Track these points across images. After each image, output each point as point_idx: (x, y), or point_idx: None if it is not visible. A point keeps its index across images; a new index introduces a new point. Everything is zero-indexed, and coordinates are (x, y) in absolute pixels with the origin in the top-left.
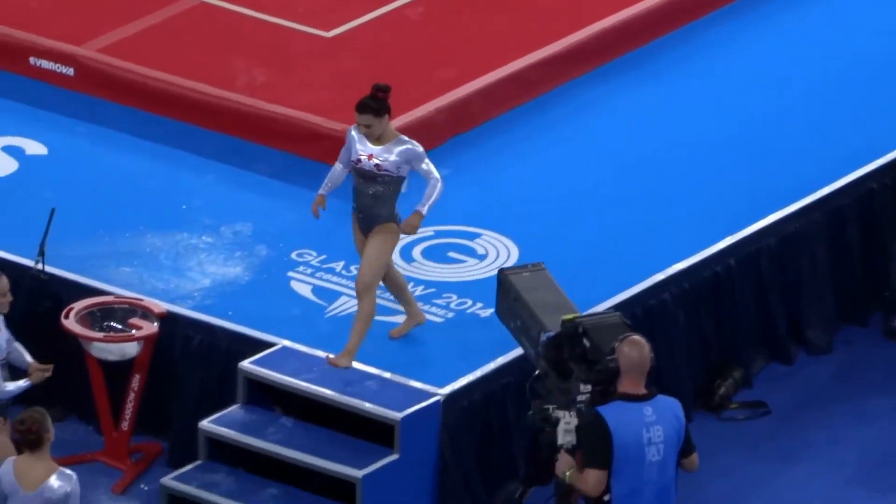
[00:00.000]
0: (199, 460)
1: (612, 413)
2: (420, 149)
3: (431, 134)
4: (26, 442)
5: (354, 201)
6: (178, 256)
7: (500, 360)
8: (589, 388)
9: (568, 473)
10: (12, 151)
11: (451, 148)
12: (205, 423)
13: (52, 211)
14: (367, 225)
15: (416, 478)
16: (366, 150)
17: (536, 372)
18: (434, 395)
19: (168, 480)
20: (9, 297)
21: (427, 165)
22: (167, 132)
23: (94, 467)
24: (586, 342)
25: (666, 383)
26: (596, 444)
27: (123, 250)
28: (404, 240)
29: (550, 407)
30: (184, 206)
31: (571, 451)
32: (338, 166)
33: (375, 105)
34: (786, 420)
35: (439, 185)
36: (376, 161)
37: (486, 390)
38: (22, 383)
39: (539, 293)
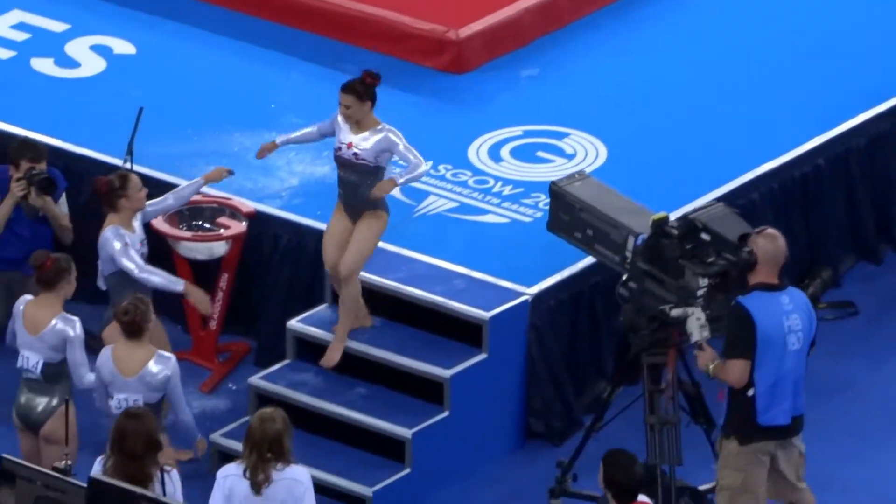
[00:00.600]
0: (286, 360)
1: (754, 303)
2: (397, 134)
3: (520, 33)
4: (128, 330)
5: (339, 188)
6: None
7: (589, 260)
8: (706, 281)
9: (711, 367)
10: (100, 50)
11: (540, 47)
12: (293, 323)
13: (140, 110)
14: (356, 211)
15: (503, 377)
16: (345, 139)
17: (624, 277)
18: (522, 294)
19: (256, 380)
20: (145, 191)
21: (407, 149)
22: (256, 31)
23: (183, 366)
24: (705, 236)
25: None
26: (739, 334)
27: (211, 149)
28: (493, 138)
29: (667, 307)
30: (272, 105)
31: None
32: (312, 127)
33: (361, 89)
34: (874, 319)
35: (422, 167)
36: (354, 150)
37: (574, 290)
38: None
39: (606, 199)
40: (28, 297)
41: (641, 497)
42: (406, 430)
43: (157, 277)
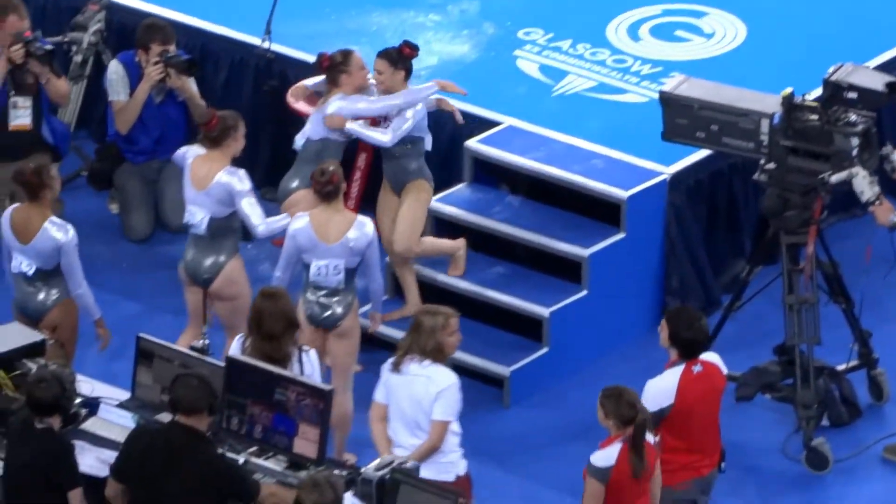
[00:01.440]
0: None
1: None
2: (399, 94)
3: None
4: (324, 193)
5: (383, 163)
6: (405, 35)
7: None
8: (856, 141)
9: (893, 218)
10: None
11: None
12: (432, 203)
13: None
14: (398, 183)
15: (641, 256)
16: None
17: (761, 161)
18: (660, 174)
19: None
20: (367, 70)
21: (399, 114)
22: None
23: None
24: (851, 94)
25: None
26: None
27: (350, 28)
28: (631, 17)
29: (825, 175)
30: None
31: None
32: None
33: (396, 57)
34: None
35: (378, 136)
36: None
37: (712, 169)
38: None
39: (721, 93)
40: (196, 149)
41: (708, 356)
42: (544, 309)
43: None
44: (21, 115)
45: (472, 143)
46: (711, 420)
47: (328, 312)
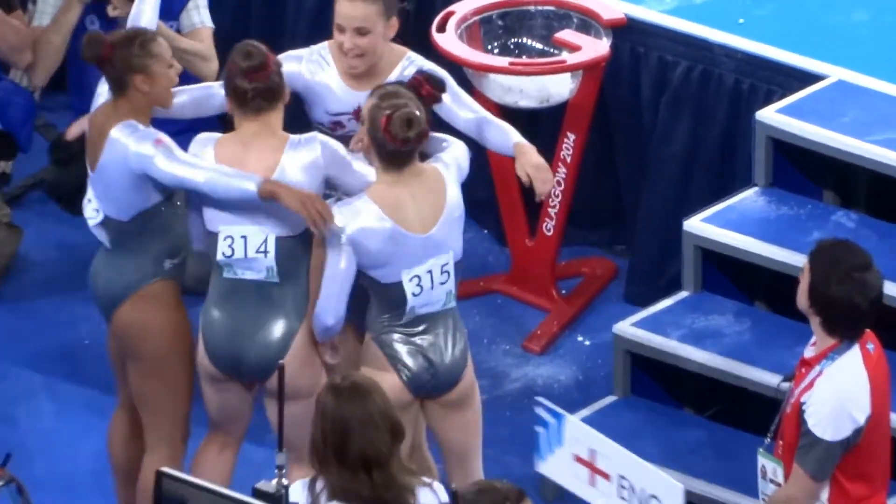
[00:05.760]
0: (682, 292)
1: None
2: None
3: None
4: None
5: None
6: None
7: None
8: None
9: None
10: None
11: None
12: (693, 223)
13: None
14: None
15: None
16: None
17: None
18: None
19: (626, 327)
20: None
21: None
22: None
23: (497, 305)
24: None
25: None
26: None
27: None
28: None
29: None
30: None
31: None
32: None
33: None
34: None
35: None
36: None
37: None
38: None
39: None
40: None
41: None
42: None
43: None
44: None
45: (769, 114)
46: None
47: (442, 360)
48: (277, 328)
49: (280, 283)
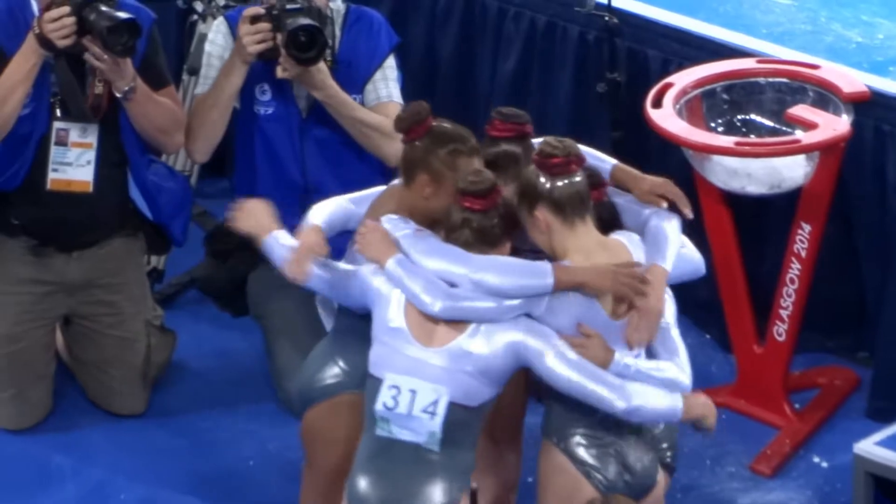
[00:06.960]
0: None
1: None
2: None
3: None
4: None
5: None
6: None
7: None
8: None
9: None
10: None
11: None
12: None
13: None
14: None
15: None
16: None
17: None
18: None
19: (868, 446)
20: None
21: None
22: None
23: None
24: None
25: None
26: None
27: None
28: None
29: None
30: None
31: None
32: None
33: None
34: None
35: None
36: None
37: None
38: None
39: None
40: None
41: None
42: None
43: None
44: (73, 162)
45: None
46: None
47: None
48: (436, 495)
49: (440, 452)
